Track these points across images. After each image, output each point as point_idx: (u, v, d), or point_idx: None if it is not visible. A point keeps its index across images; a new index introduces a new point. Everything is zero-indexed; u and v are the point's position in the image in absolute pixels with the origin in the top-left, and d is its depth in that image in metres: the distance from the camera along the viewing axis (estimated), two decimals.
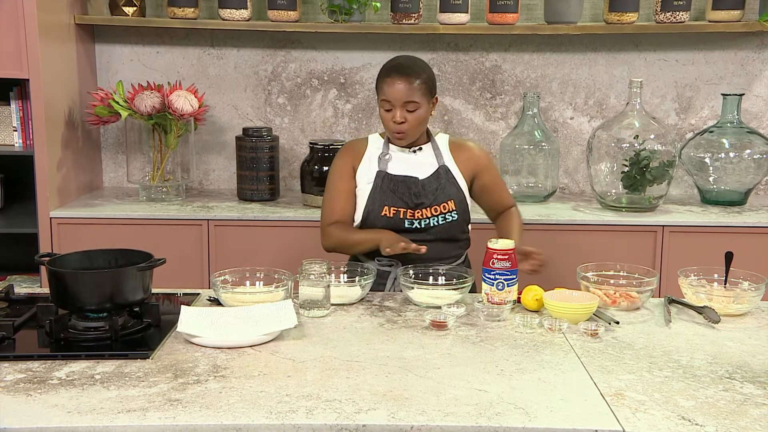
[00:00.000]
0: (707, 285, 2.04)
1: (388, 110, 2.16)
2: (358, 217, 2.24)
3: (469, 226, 2.32)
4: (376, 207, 2.20)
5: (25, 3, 2.70)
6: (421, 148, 2.26)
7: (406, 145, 2.23)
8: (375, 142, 2.29)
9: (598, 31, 3.13)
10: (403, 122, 2.15)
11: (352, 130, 3.34)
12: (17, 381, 1.49)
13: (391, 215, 2.18)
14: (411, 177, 2.22)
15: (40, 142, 2.81)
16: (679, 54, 3.28)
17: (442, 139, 2.30)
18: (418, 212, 2.19)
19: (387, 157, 2.24)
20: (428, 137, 2.28)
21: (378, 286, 2.16)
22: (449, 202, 2.21)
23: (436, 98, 2.23)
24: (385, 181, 2.21)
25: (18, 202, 3.21)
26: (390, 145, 2.26)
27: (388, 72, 2.17)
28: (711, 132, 3.12)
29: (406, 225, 2.19)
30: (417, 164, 2.24)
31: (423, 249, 2.06)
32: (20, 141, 2.98)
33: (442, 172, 2.23)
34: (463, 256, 2.32)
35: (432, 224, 2.19)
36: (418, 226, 2.19)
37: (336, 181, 2.27)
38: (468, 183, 2.28)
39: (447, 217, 2.21)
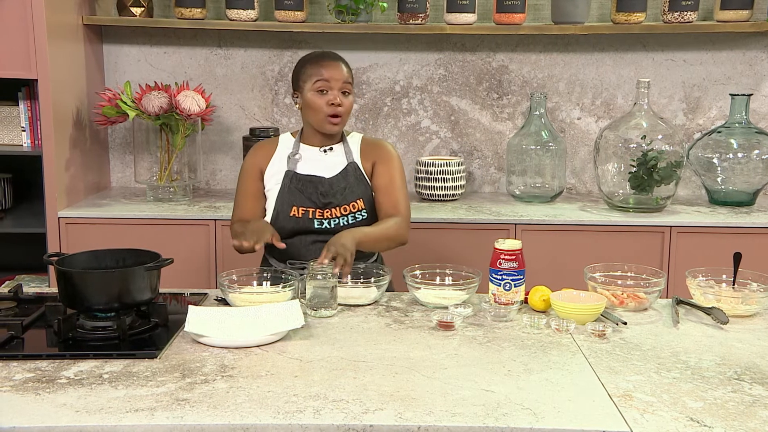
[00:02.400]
0: (715, 286, 2.04)
1: (323, 93, 2.13)
2: (268, 218, 2.21)
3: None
4: (284, 207, 2.17)
5: (34, 4, 2.71)
6: (332, 148, 2.23)
7: (338, 132, 2.20)
8: (285, 142, 2.26)
9: (606, 31, 3.12)
10: (340, 104, 2.14)
11: (358, 131, 3.34)
12: (26, 380, 1.50)
13: (300, 215, 2.16)
14: (318, 176, 2.19)
15: (48, 142, 2.82)
16: (687, 54, 3.27)
17: (354, 138, 2.28)
18: (327, 212, 2.17)
19: (297, 156, 2.22)
20: (341, 137, 2.26)
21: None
22: (358, 201, 2.18)
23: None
24: (293, 181, 2.18)
25: (26, 201, 3.23)
26: (301, 144, 2.24)
27: (320, 57, 2.18)
28: (719, 132, 3.10)
29: (316, 225, 2.16)
30: (327, 163, 2.21)
31: (282, 245, 2.02)
32: (28, 141, 2.99)
33: (351, 169, 2.21)
34: (375, 255, 2.30)
35: (342, 224, 2.16)
36: (328, 227, 2.16)
37: (242, 183, 2.26)
38: (370, 178, 2.23)
39: (357, 216, 2.18)
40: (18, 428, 1.32)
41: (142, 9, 3.11)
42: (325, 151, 2.23)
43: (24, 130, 2.99)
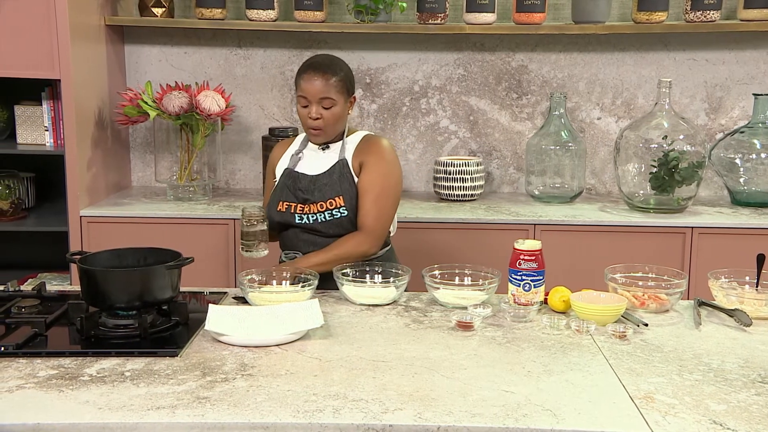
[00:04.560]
0: (738, 287, 2.01)
1: (304, 106, 2.17)
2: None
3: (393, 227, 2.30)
4: (274, 202, 2.24)
5: (57, 5, 2.75)
6: (328, 146, 2.26)
7: (323, 141, 2.23)
8: (298, 141, 2.33)
9: (627, 30, 3.10)
10: (318, 118, 2.15)
11: (377, 130, 3.34)
12: (50, 377, 1.51)
13: (284, 210, 2.21)
14: (303, 173, 2.22)
15: (71, 141, 2.85)
16: (709, 53, 3.24)
17: (356, 136, 2.27)
18: (306, 207, 2.20)
19: (299, 155, 2.27)
20: (342, 136, 2.26)
21: None
22: (337, 199, 2.17)
23: (354, 97, 2.24)
24: (284, 177, 2.24)
25: (49, 200, 3.27)
26: (308, 143, 2.29)
27: (305, 69, 2.18)
28: (742, 132, 3.07)
29: (296, 220, 2.20)
30: (323, 161, 2.24)
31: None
32: (51, 140, 3.03)
33: (339, 166, 2.21)
34: (387, 248, 2.28)
35: (319, 220, 2.17)
36: (307, 222, 2.19)
37: (266, 180, 2.39)
38: (357, 174, 2.22)
39: (334, 213, 2.17)
40: (42, 424, 1.34)
41: (164, 9, 3.14)
42: (323, 149, 2.26)
43: (47, 130, 3.02)
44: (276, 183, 2.27)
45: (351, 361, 1.61)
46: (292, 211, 2.20)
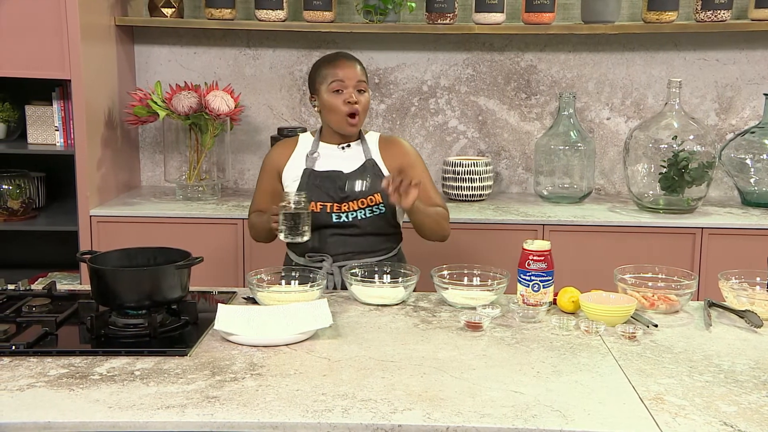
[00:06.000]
0: (749, 288, 2.00)
1: (338, 91, 2.16)
2: None
3: (401, 221, 2.30)
4: None
5: (68, 5, 2.76)
6: (349, 145, 2.26)
7: (357, 131, 2.22)
8: (304, 141, 2.30)
9: (637, 30, 3.09)
10: (356, 103, 2.16)
11: (386, 130, 3.34)
12: (60, 376, 1.52)
13: (318, 210, 2.18)
14: (336, 171, 2.21)
15: (81, 141, 2.86)
16: (719, 53, 3.22)
17: (372, 136, 2.30)
18: (344, 206, 2.18)
19: (315, 155, 2.24)
20: (359, 135, 2.28)
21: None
22: (376, 195, 2.19)
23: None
24: (311, 178, 2.21)
25: (59, 200, 3.28)
26: (320, 143, 2.27)
27: (335, 57, 2.22)
28: (752, 133, 3.06)
29: (334, 219, 2.18)
30: (345, 160, 2.23)
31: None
32: (62, 140, 3.04)
33: (369, 165, 2.22)
34: (396, 249, 2.30)
35: (359, 217, 2.18)
36: (346, 220, 2.18)
37: (260, 179, 2.33)
38: None
39: (374, 209, 2.19)
40: (53, 423, 1.35)
41: (173, 10, 3.15)
42: (343, 148, 2.26)
43: (57, 130, 3.04)
44: (298, 185, 2.21)
45: (360, 361, 1.61)
46: (328, 210, 2.18)
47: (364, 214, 2.19)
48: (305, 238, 2.02)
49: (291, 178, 2.25)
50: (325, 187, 2.20)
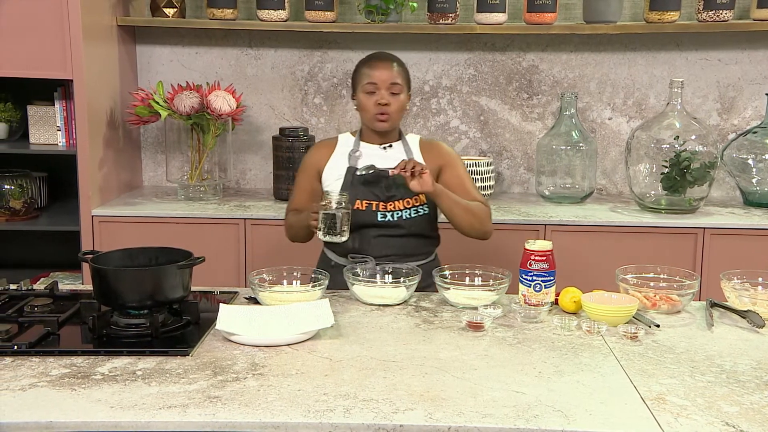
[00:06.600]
0: (751, 288, 2.00)
1: (371, 93, 2.18)
2: None
3: (438, 224, 2.31)
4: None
5: (70, 5, 2.76)
6: (391, 145, 2.27)
7: (388, 129, 2.22)
8: (345, 141, 2.31)
9: (639, 30, 3.09)
10: (387, 104, 2.17)
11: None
12: (62, 375, 1.52)
13: (364, 208, 2.18)
14: (381, 170, 2.21)
15: (83, 141, 2.86)
16: (721, 53, 3.22)
17: (413, 138, 2.31)
18: (390, 205, 2.19)
19: (357, 153, 2.25)
20: (399, 136, 2.29)
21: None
22: (420, 196, 2.20)
23: (410, 94, 2.27)
24: (355, 176, 2.21)
25: (61, 200, 3.29)
26: (361, 142, 2.28)
27: (371, 59, 2.24)
28: (754, 133, 3.05)
29: (379, 218, 2.19)
30: (388, 160, 2.23)
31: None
32: (63, 140, 3.04)
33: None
34: (434, 254, 2.31)
35: (404, 217, 2.18)
36: (391, 219, 2.18)
37: (299, 178, 2.33)
38: (435, 180, 2.23)
39: (419, 210, 2.21)
40: (55, 422, 1.35)
41: (175, 10, 3.15)
42: (385, 148, 2.26)
43: (59, 130, 3.04)
44: (342, 183, 2.22)
45: (361, 360, 1.61)
46: (374, 209, 2.19)
47: (409, 214, 2.20)
48: (344, 239, 2.03)
49: (333, 177, 2.25)
50: (371, 185, 2.20)
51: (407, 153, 2.26)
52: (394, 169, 2.11)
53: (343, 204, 2.02)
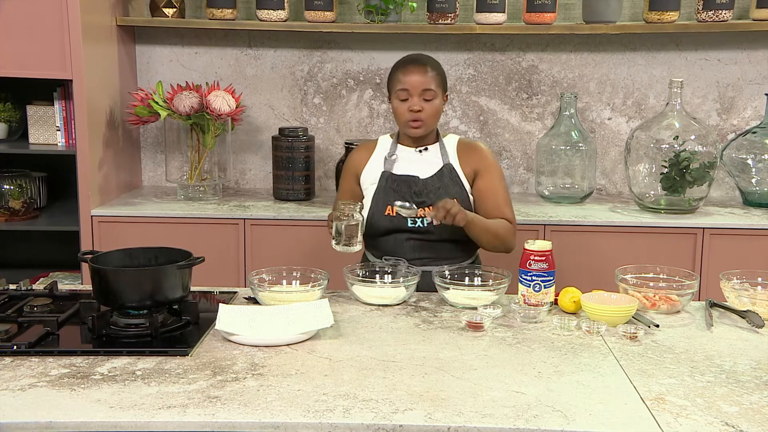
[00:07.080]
0: (750, 289, 2.00)
1: (404, 100, 2.17)
2: (365, 216, 2.24)
3: None
4: (380, 207, 2.21)
5: (69, 5, 2.76)
6: (427, 148, 2.26)
7: (422, 135, 2.21)
8: (383, 144, 2.31)
9: (638, 30, 3.09)
10: (420, 110, 2.16)
11: (387, 131, 3.34)
12: (61, 375, 1.52)
13: (395, 214, 2.18)
14: (412, 176, 2.21)
15: (83, 141, 2.86)
16: (721, 53, 3.22)
17: (451, 140, 2.29)
18: (421, 211, 2.18)
19: (393, 157, 2.25)
20: (437, 138, 2.28)
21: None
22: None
23: (447, 96, 2.25)
24: (388, 181, 2.21)
25: (60, 200, 3.28)
26: (398, 145, 2.27)
27: (404, 63, 2.21)
28: (754, 133, 3.05)
29: (410, 224, 2.18)
30: (423, 164, 2.23)
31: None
32: (63, 140, 3.04)
33: (446, 170, 2.22)
34: (474, 257, 2.30)
35: (435, 223, 2.16)
36: (421, 226, 2.18)
37: (341, 180, 2.38)
38: (470, 183, 2.23)
39: None
40: (55, 423, 1.35)
41: (174, 10, 3.15)
42: (420, 151, 2.25)
43: (59, 130, 3.04)
44: (376, 187, 2.22)
45: (361, 360, 1.61)
46: (404, 215, 2.18)
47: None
48: (356, 248, 2.06)
49: (369, 180, 2.26)
50: (402, 191, 2.20)
51: (443, 156, 2.23)
52: (431, 218, 2.08)
53: (353, 216, 2.03)
